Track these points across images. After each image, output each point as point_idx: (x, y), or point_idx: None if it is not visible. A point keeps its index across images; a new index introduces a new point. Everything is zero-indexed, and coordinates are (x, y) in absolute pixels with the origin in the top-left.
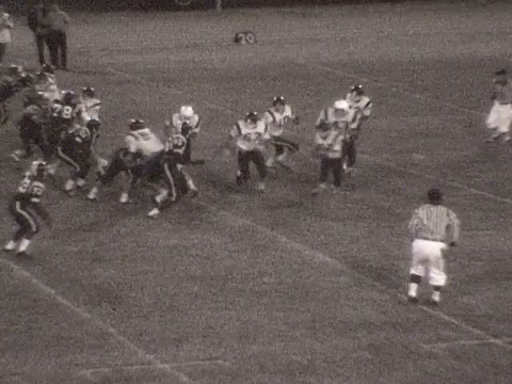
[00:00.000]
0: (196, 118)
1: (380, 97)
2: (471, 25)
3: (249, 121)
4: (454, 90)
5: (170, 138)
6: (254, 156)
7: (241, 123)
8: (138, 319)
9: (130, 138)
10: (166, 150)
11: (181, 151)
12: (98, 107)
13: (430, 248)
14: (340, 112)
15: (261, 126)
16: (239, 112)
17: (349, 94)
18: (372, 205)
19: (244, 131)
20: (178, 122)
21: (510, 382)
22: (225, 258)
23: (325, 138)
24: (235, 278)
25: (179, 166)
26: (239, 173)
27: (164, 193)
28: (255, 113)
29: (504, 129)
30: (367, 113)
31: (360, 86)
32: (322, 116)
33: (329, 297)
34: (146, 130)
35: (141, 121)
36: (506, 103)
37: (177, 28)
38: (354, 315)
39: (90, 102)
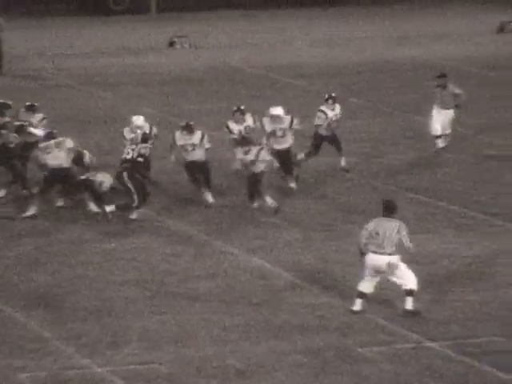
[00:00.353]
0: (147, 126)
1: (315, 100)
2: (406, 28)
3: (184, 132)
4: (389, 93)
5: (127, 149)
6: (198, 166)
7: (177, 134)
8: (74, 323)
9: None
10: (127, 157)
11: (142, 160)
12: (44, 121)
13: (381, 261)
14: (276, 118)
15: (197, 137)
16: (176, 116)
17: (324, 105)
18: (306, 209)
19: (179, 142)
20: (131, 135)
21: None
22: (161, 262)
23: (246, 153)
24: (171, 282)
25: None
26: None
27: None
28: (191, 123)
29: (448, 131)
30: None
31: (333, 95)
32: (259, 126)
33: (264, 301)
34: (51, 143)
35: (54, 131)
36: (448, 108)
37: (112, 32)
38: (289, 319)
39: (35, 118)
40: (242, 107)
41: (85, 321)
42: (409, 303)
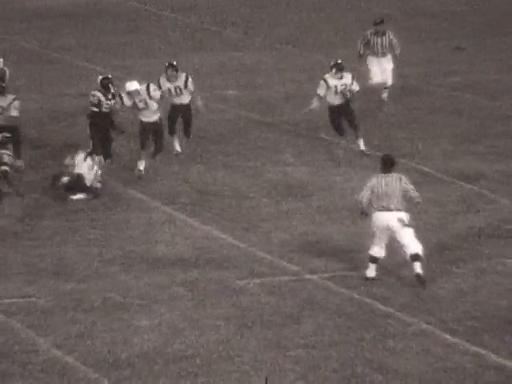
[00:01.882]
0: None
1: (191, 33)
2: None
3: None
4: (265, 26)
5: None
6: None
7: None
8: None
9: None
10: None
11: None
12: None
13: (389, 218)
14: (134, 93)
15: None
16: (50, 50)
17: (328, 74)
18: (184, 143)
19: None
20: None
21: (325, 318)
22: (39, 199)
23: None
24: (48, 215)
25: None
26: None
27: None
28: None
29: (389, 81)
30: (356, 88)
31: (339, 62)
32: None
33: (142, 233)
34: None
35: None
36: (385, 54)
37: None
38: (167, 251)
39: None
40: (175, 63)
41: None
42: (419, 268)
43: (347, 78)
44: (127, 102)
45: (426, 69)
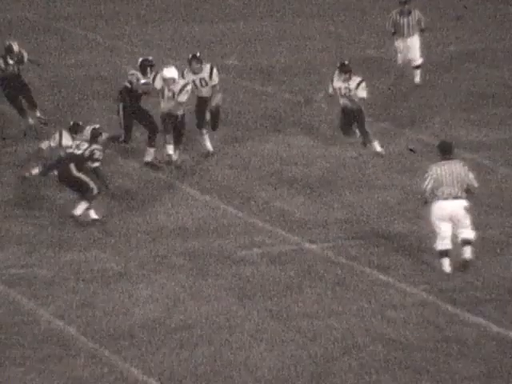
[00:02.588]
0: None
1: (191, 3)
2: None
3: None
4: None
5: None
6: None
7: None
8: None
9: None
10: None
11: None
12: None
13: (456, 206)
14: (169, 80)
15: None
16: (50, 20)
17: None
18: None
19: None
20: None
21: (325, 288)
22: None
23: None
24: (48, 185)
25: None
26: None
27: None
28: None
29: (418, 61)
30: (361, 95)
31: (345, 63)
32: None
33: (142, 202)
34: None
35: None
36: (413, 34)
37: None
38: (168, 221)
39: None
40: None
41: None
42: (469, 252)
43: (354, 82)
44: (158, 84)
45: (425, 38)
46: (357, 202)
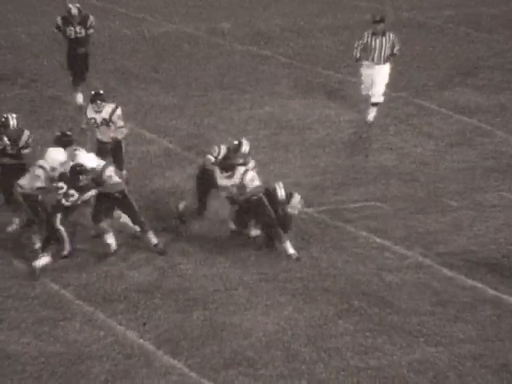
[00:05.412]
0: None
1: None
2: None
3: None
4: None
5: None
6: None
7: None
8: None
9: None
10: None
11: None
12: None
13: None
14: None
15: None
16: None
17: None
18: (184, 75)
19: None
20: None
21: (320, 251)
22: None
23: None
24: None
25: None
26: None
27: None
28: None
29: (378, 99)
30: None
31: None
32: None
33: (138, 165)
34: None
35: None
36: (384, 62)
37: None
38: (164, 183)
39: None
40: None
41: None
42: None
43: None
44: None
45: (419, 1)
46: (351, 165)
